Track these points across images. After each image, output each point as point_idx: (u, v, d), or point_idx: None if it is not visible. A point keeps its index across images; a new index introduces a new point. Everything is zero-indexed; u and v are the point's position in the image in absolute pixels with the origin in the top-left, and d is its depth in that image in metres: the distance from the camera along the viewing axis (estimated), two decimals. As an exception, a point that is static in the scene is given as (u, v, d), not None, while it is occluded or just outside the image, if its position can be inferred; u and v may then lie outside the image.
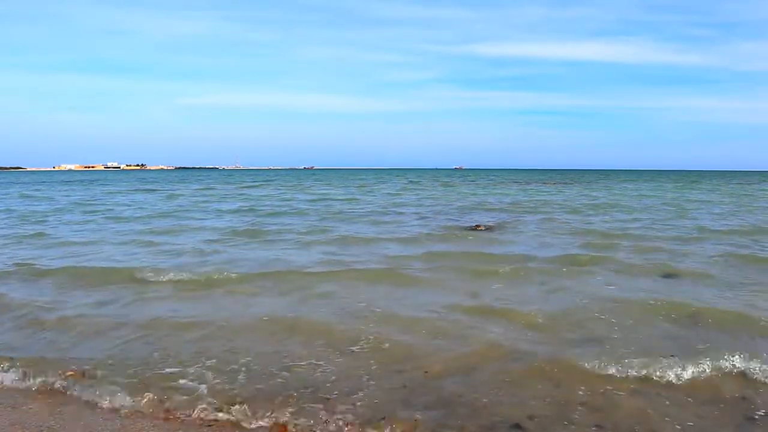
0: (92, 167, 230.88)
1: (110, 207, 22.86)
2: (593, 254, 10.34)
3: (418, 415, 3.94)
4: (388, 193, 34.40)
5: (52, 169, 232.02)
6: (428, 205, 23.34)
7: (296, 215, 19.03)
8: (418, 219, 17.60)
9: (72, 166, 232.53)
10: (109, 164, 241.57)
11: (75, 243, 12.09)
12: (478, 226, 15.00)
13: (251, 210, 21.15)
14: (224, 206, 23.36)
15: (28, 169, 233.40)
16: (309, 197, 30.13)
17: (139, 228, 14.95)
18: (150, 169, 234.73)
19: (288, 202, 25.97)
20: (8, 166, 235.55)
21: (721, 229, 14.83)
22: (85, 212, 20.26)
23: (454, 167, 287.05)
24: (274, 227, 15.19)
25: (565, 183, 53.55)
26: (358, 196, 30.94)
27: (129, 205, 23.84)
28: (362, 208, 21.91)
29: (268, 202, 26.00)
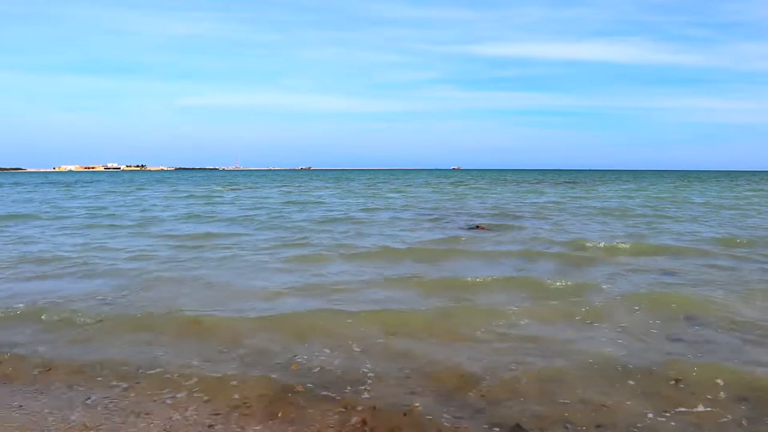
0: (92, 168, 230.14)
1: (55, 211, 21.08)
2: (580, 279, 8.47)
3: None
4: (375, 195, 32.60)
5: (52, 170, 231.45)
6: (405, 208, 21.52)
7: (252, 222, 17.17)
8: (387, 226, 15.77)
9: (72, 167, 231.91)
10: (109, 165, 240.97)
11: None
12: (479, 226, 14.78)
13: (197, 217, 19.04)
14: (174, 212, 21.56)
15: (28, 170, 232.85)
16: (286, 199, 28.33)
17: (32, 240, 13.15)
18: (150, 170, 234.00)
19: (258, 205, 24.12)
20: (8, 167, 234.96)
21: (723, 237, 12.97)
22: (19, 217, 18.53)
23: (451, 168, 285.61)
24: (211, 239, 13.37)
25: (561, 183, 51.68)
26: (344, 199, 29.16)
27: (80, 209, 22.06)
28: (340, 212, 20.11)
29: (230, 206, 24.16)
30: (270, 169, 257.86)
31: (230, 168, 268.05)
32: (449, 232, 14.53)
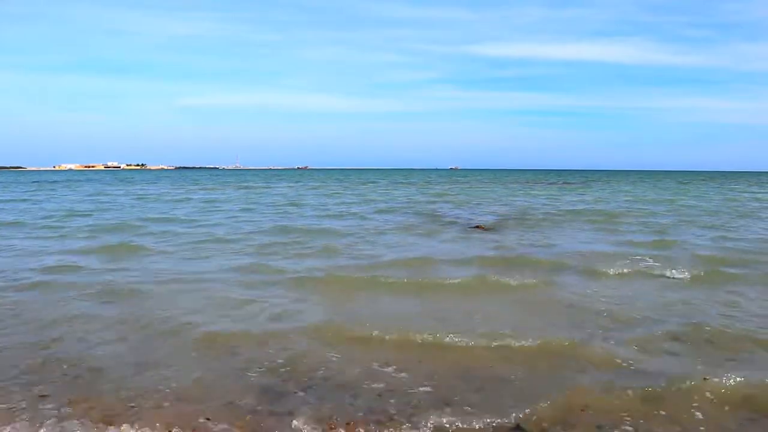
0: (92, 167, 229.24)
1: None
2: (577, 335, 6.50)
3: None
4: (365, 196, 30.70)
5: (53, 168, 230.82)
6: (393, 210, 19.51)
7: (211, 231, 15.15)
8: (374, 234, 13.73)
9: (72, 166, 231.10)
10: (110, 164, 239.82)
11: None
12: (479, 226, 12.41)
13: (136, 227, 16.99)
14: (143, 214, 19.60)
15: (29, 169, 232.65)
16: (269, 201, 26.40)
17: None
18: (150, 169, 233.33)
19: (226, 208, 22.13)
20: (8, 166, 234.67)
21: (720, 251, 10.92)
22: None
23: (449, 167, 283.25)
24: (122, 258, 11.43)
25: (559, 184, 49.73)
26: (329, 200, 27.27)
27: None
28: (320, 218, 18.18)
29: (197, 208, 22.17)
30: (268, 169, 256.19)
31: (230, 167, 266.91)
32: (442, 236, 13.04)
